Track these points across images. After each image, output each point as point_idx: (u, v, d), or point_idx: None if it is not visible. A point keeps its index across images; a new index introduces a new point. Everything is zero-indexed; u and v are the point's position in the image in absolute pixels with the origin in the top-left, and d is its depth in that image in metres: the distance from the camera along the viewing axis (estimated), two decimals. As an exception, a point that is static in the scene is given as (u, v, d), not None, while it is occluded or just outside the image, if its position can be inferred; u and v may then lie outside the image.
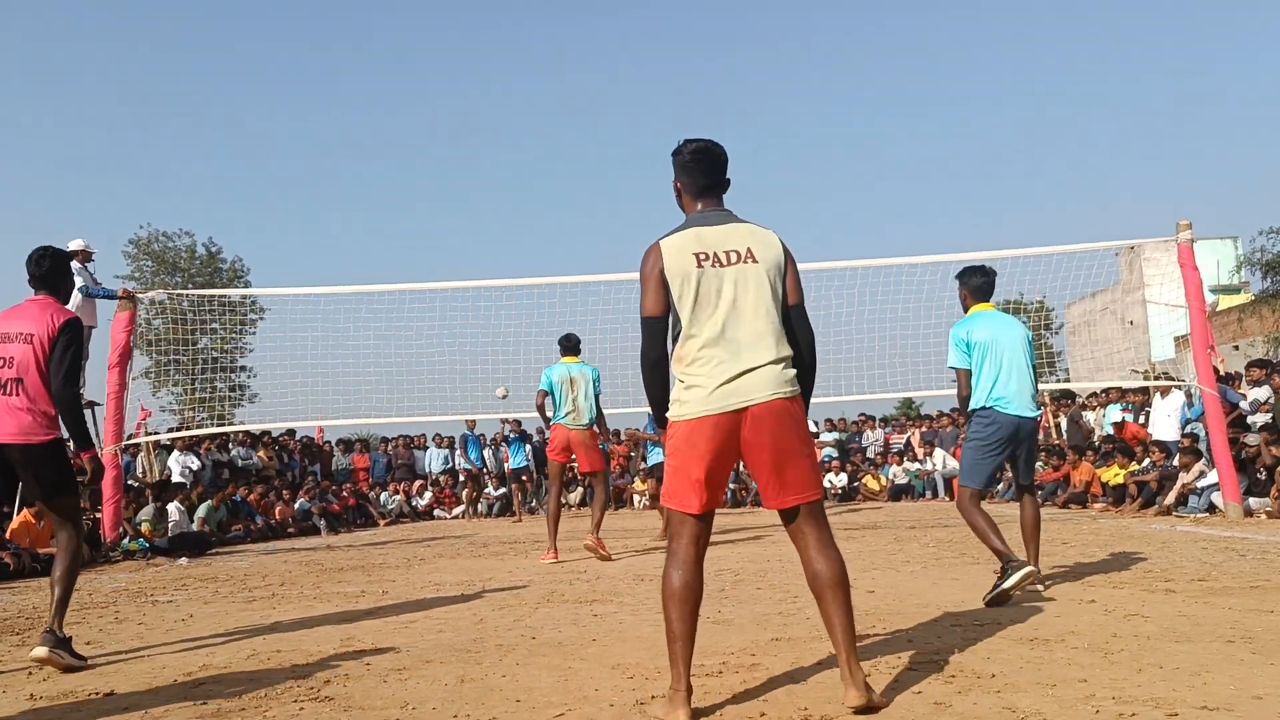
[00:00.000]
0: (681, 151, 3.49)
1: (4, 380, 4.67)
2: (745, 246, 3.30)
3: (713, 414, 3.19)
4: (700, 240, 3.30)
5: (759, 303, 3.26)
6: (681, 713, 3.10)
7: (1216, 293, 33.52)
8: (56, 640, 4.52)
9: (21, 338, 4.70)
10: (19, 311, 4.83)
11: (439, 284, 13.12)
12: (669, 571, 3.29)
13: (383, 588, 7.39)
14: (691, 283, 3.24)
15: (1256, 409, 12.63)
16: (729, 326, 3.24)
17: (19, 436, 4.62)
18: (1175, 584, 5.80)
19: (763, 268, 3.29)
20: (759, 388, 3.20)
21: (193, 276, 38.00)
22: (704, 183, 3.47)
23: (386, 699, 3.65)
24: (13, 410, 4.64)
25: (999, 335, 5.81)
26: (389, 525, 17.78)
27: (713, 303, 3.24)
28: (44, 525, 10.18)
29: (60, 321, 4.74)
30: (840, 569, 3.30)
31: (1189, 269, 10.95)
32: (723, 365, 3.21)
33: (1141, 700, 3.19)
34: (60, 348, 4.70)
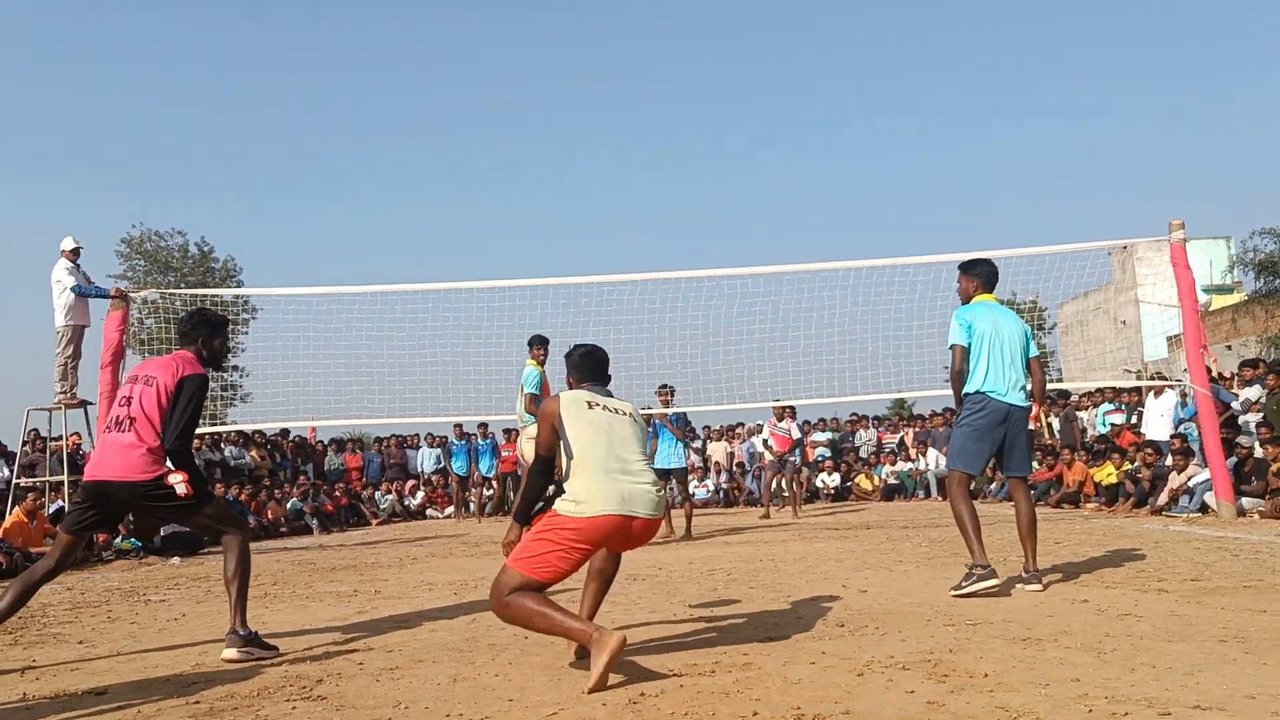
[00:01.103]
0: (571, 355, 4.48)
1: (120, 418, 4.74)
2: (622, 408, 4.26)
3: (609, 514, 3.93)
4: (591, 396, 4.26)
5: (638, 442, 4.19)
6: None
7: (1209, 293, 33.61)
8: (242, 639, 4.62)
9: (145, 380, 4.79)
10: (158, 360, 4.94)
11: (432, 285, 13.10)
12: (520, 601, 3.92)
13: (375, 587, 7.38)
14: (584, 420, 4.12)
15: (1248, 408, 12.67)
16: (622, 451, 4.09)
17: (127, 475, 4.61)
18: (1168, 583, 5.81)
19: (637, 422, 4.27)
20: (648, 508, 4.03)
21: (185, 276, 37.84)
22: (587, 376, 4.42)
23: (379, 698, 3.65)
24: (124, 449, 4.65)
25: (1001, 326, 5.98)
26: (381, 525, 17.76)
27: (605, 431, 4.11)
28: (36, 525, 10.16)
29: (184, 374, 4.81)
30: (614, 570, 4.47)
31: (1182, 269, 10.97)
32: (616, 477, 4.02)
33: (1134, 700, 3.19)
34: (181, 400, 4.74)
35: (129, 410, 4.73)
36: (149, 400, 4.72)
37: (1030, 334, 6.11)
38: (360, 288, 13.23)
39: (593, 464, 3.97)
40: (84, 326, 11.85)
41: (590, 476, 3.94)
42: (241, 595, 4.76)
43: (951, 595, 5.63)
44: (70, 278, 11.57)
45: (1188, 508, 11.41)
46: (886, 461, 20.02)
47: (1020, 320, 6.14)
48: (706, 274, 12.71)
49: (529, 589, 3.88)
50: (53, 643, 5.28)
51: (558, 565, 3.90)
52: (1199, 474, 11.48)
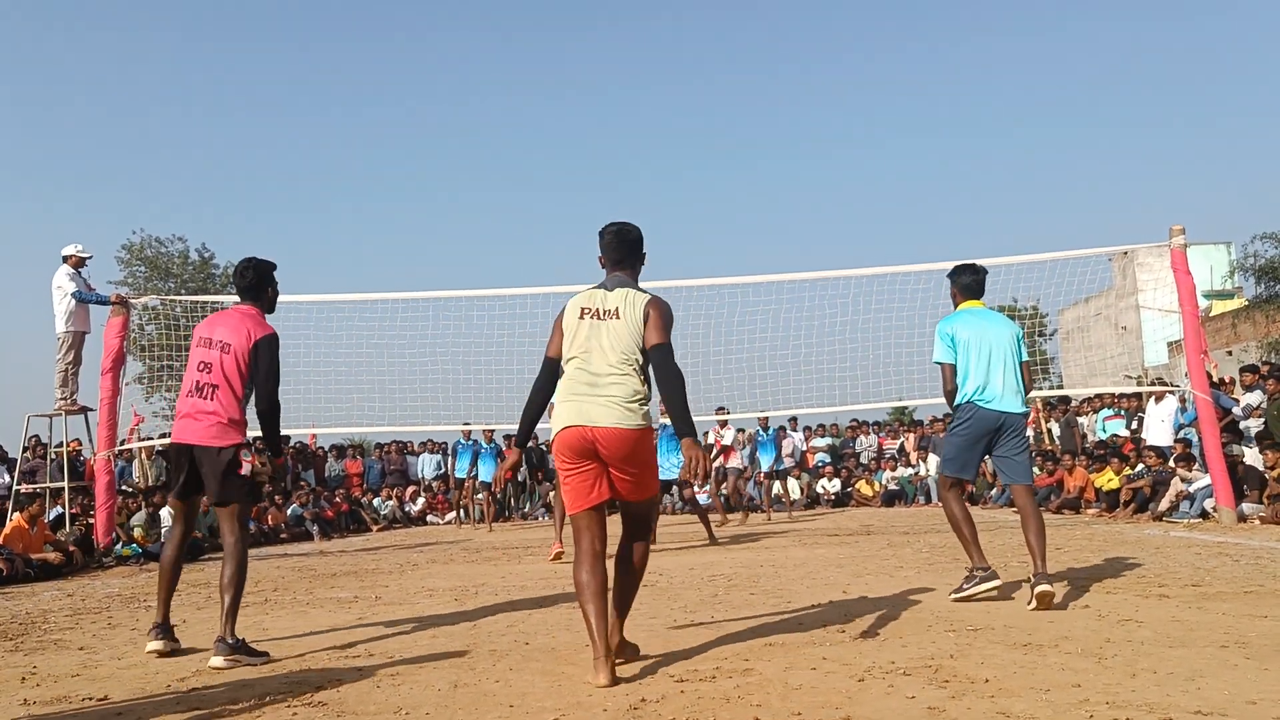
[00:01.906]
0: (603, 233, 4.39)
1: (202, 384, 4.99)
2: (616, 307, 4.15)
3: (567, 426, 4.06)
4: (592, 299, 4.23)
5: (615, 350, 4.09)
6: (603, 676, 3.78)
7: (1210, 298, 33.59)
8: (230, 648, 4.68)
9: (220, 345, 5.00)
10: (223, 318, 5.15)
11: (433, 293, 13.13)
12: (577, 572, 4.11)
13: (376, 593, 7.38)
14: (573, 331, 4.18)
15: (1249, 414, 12.66)
16: (589, 365, 4.09)
17: (205, 439, 4.93)
18: (1169, 589, 5.81)
19: (624, 323, 4.12)
20: (604, 417, 4.01)
21: (185, 282, 37.89)
22: (615, 258, 4.36)
23: (380, 704, 3.65)
24: (204, 414, 4.95)
25: (985, 332, 5.84)
26: (382, 531, 17.74)
27: (583, 346, 4.12)
28: (37, 531, 10.16)
29: (257, 337, 5.04)
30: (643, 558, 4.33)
31: (1182, 274, 10.97)
32: (578, 390, 4.08)
33: (1135, 705, 3.19)
34: (261, 364, 5.03)
35: (210, 377, 4.97)
36: (229, 367, 4.98)
37: (1021, 337, 5.98)
38: (360, 295, 13.27)
39: (565, 381, 4.14)
40: (85, 333, 11.86)
41: (560, 393, 4.14)
42: (235, 603, 4.84)
43: (951, 599, 5.67)
44: (71, 284, 11.57)
45: (1188, 513, 11.40)
46: (887, 467, 20.00)
47: (1011, 323, 6.01)
48: (706, 283, 12.73)
49: (577, 527, 4.14)
50: (54, 649, 5.28)
51: (566, 491, 4.16)
52: (1200, 480, 11.48)
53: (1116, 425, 16.16)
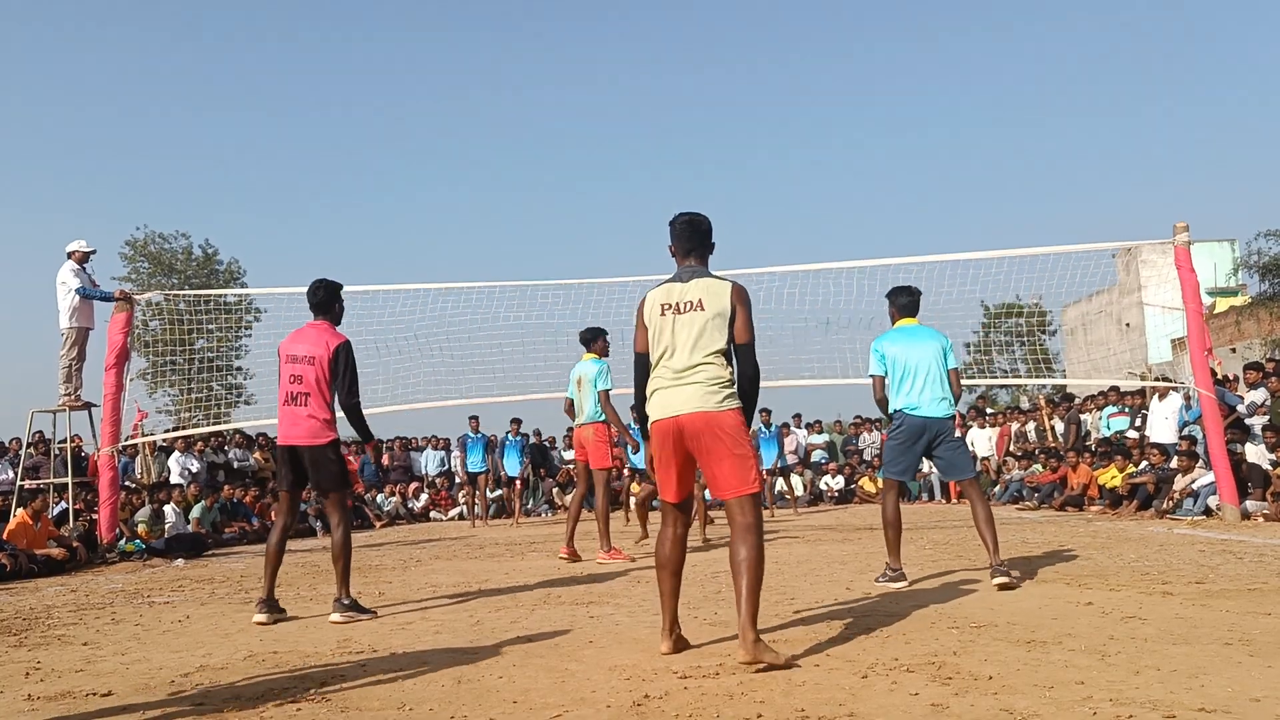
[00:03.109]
0: (674, 222, 4.43)
1: (295, 394, 5.94)
2: (698, 298, 4.21)
3: (657, 419, 4.23)
4: (669, 293, 4.29)
5: (698, 340, 4.16)
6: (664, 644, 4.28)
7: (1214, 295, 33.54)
8: (344, 606, 5.77)
9: (306, 359, 5.95)
10: (302, 336, 6.09)
11: (436, 284, 13.11)
12: (658, 547, 4.39)
13: (379, 589, 7.38)
14: (655, 327, 4.27)
15: (1254, 411, 12.64)
16: (674, 358, 4.20)
17: (308, 439, 5.92)
18: (1172, 586, 5.80)
19: (708, 314, 4.18)
20: (688, 403, 4.12)
21: (189, 278, 37.91)
22: (687, 247, 4.40)
23: (383, 700, 3.65)
24: (303, 419, 5.92)
25: (910, 349, 6.49)
26: (385, 527, 17.75)
27: (667, 341, 4.22)
28: (40, 526, 10.18)
29: (334, 346, 5.97)
30: (755, 553, 4.14)
31: (1186, 271, 10.95)
32: (664, 383, 4.22)
33: (1139, 702, 3.19)
34: (340, 369, 5.94)
35: (302, 387, 5.92)
36: (317, 376, 5.92)
37: (949, 348, 6.56)
38: (364, 287, 13.22)
39: (653, 376, 4.28)
40: (88, 329, 11.87)
41: (650, 387, 4.29)
42: (345, 571, 5.88)
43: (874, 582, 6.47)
44: (76, 279, 11.58)
45: (1192, 511, 11.38)
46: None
47: (938, 337, 6.59)
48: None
49: (666, 518, 4.34)
50: (57, 645, 5.29)
51: (658, 478, 4.30)
52: (1203, 477, 11.47)
53: (1121, 422, 16.13)
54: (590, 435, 9.14)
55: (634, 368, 4.41)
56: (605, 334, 9.40)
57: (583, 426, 9.19)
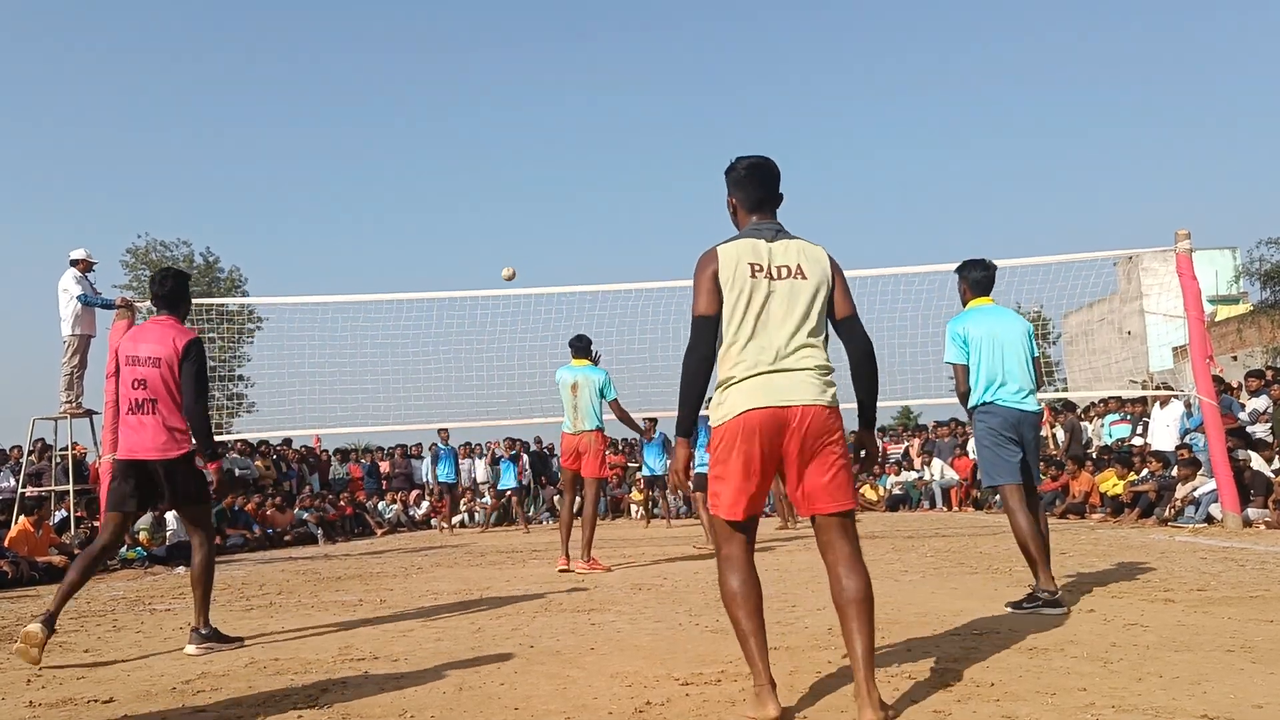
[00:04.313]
0: (735, 168, 3.57)
1: (140, 401, 5.19)
2: (796, 263, 3.39)
3: (753, 408, 3.27)
4: (755, 252, 3.38)
5: (803, 316, 3.34)
6: (770, 706, 3.18)
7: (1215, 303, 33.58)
8: (202, 637, 5.12)
9: (150, 361, 5.20)
10: (144, 333, 5.31)
11: (436, 293, 13.13)
12: (726, 578, 3.44)
13: (380, 596, 7.38)
14: (745, 291, 3.33)
15: (1256, 419, 12.64)
16: (772, 336, 3.32)
17: (157, 452, 5.15)
18: (1174, 593, 5.79)
19: (811, 283, 3.38)
20: (800, 392, 3.27)
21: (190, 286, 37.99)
22: (758, 196, 3.54)
23: (385, 707, 3.65)
24: (151, 429, 5.16)
25: (997, 330, 5.72)
26: (386, 535, 17.74)
27: (759, 313, 3.33)
28: (42, 534, 10.18)
29: (183, 344, 5.23)
30: (866, 586, 3.34)
31: (1187, 279, 10.96)
32: (759, 366, 3.30)
33: (1141, 709, 3.18)
34: (187, 368, 5.20)
35: (147, 393, 5.18)
36: (165, 379, 5.18)
37: (1032, 333, 5.84)
38: (365, 296, 13.27)
39: (739, 353, 3.33)
40: (90, 336, 11.88)
41: (735, 368, 3.34)
42: (205, 596, 5.25)
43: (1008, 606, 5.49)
44: (77, 287, 11.60)
45: (1194, 518, 11.37)
46: (891, 472, 19.98)
47: (1021, 320, 5.86)
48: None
49: (731, 539, 3.43)
50: (59, 651, 5.28)
51: (724, 488, 3.36)
52: (1205, 484, 11.46)
53: (1122, 430, 16.13)
54: (592, 443, 9.01)
55: (694, 334, 3.39)
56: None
57: (583, 434, 9.03)
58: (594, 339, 9.46)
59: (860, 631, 3.25)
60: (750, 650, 3.28)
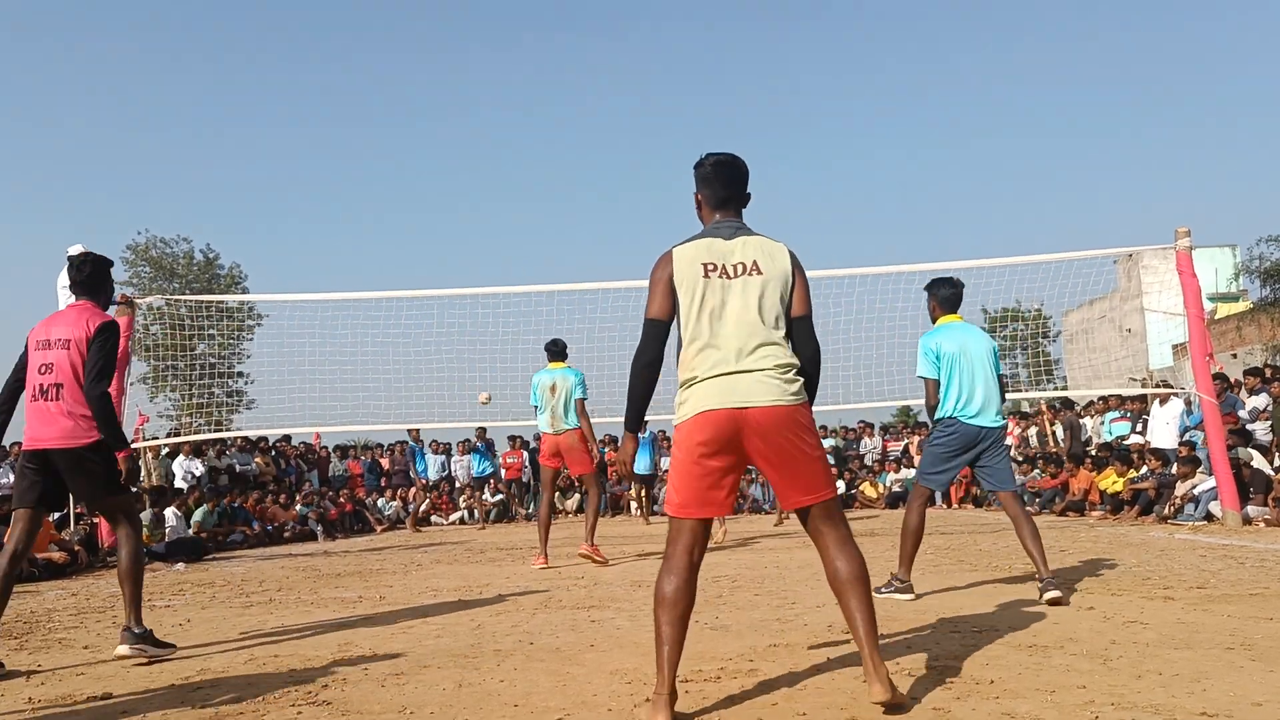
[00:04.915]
0: (703, 164, 3.58)
1: (45, 386, 4.80)
2: (752, 259, 3.37)
3: (710, 409, 3.26)
4: (711, 251, 3.39)
5: (759, 313, 3.33)
6: (661, 715, 3.14)
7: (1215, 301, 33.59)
8: (135, 637, 4.78)
9: (60, 343, 4.83)
10: (60, 317, 4.95)
11: (436, 291, 13.13)
12: (661, 579, 3.39)
13: (380, 593, 7.38)
14: (698, 292, 3.33)
15: (1256, 417, 12.64)
16: (729, 335, 3.31)
17: (61, 441, 4.74)
18: (1174, 591, 5.80)
19: (766, 278, 3.36)
20: (759, 393, 3.26)
21: (190, 282, 37.98)
22: (723, 194, 3.54)
23: (384, 703, 3.65)
24: (54, 416, 4.76)
25: (967, 347, 5.95)
26: (386, 531, 17.75)
27: (715, 312, 3.32)
28: (42, 531, 10.16)
29: (96, 325, 4.84)
30: (859, 566, 3.37)
31: (1187, 277, 10.95)
32: (719, 367, 3.29)
33: (1141, 706, 3.18)
34: (94, 349, 4.79)
35: (53, 377, 4.80)
36: (73, 362, 4.81)
37: (997, 351, 6.13)
38: (365, 294, 13.26)
39: (695, 356, 3.33)
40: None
41: (692, 369, 3.33)
42: (136, 593, 4.90)
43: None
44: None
45: (1193, 516, 11.38)
46: (891, 469, 19.97)
47: (987, 337, 6.13)
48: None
49: (677, 540, 3.39)
50: (58, 648, 5.28)
51: (681, 489, 3.35)
52: (1205, 482, 11.46)
53: (1122, 427, 16.13)
54: (574, 442, 9.29)
55: (643, 338, 3.41)
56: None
57: (564, 433, 9.30)
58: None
59: (859, 610, 3.30)
60: (661, 657, 3.25)
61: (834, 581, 3.41)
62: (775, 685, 3.69)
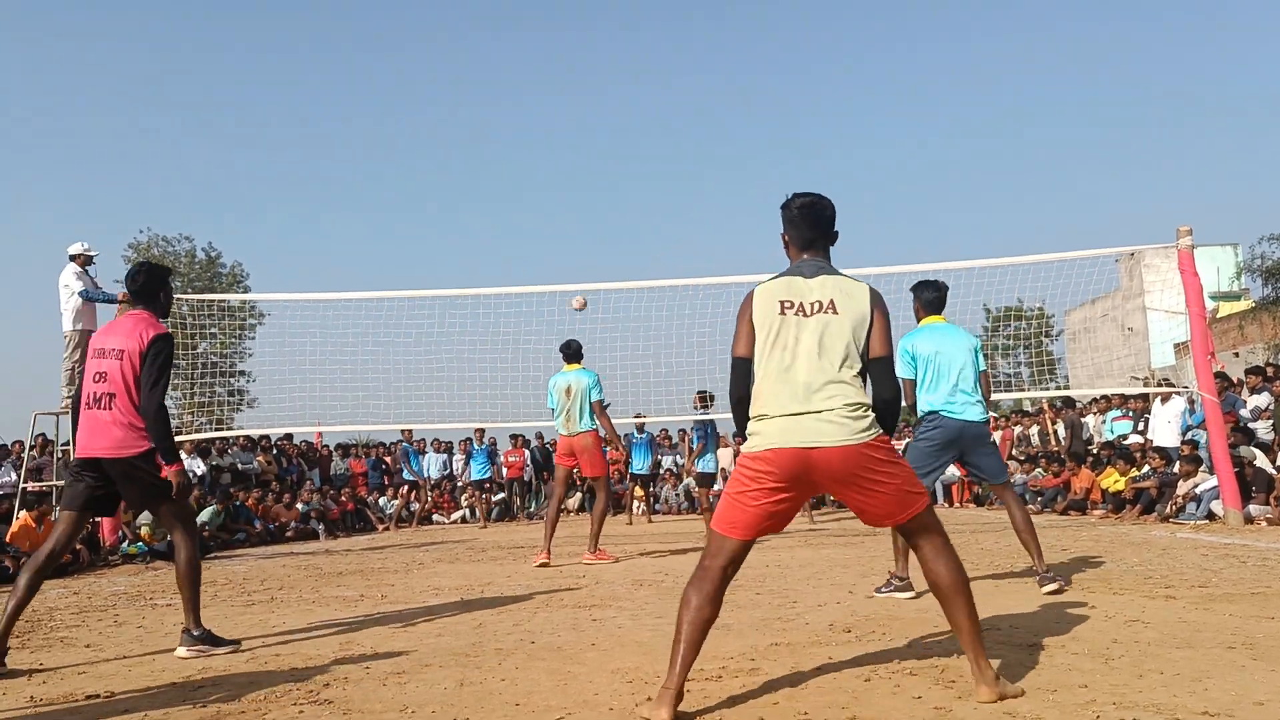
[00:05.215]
0: (789, 205, 3.67)
1: (99, 395, 4.88)
2: (829, 298, 3.44)
3: (779, 447, 3.30)
4: (790, 289, 3.48)
5: (832, 351, 3.37)
6: (664, 710, 3.19)
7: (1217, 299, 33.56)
8: (194, 638, 4.88)
9: (114, 353, 4.91)
10: (116, 326, 5.06)
11: (438, 290, 13.14)
12: (690, 587, 3.40)
13: (381, 592, 7.38)
14: (773, 328, 3.42)
15: (1258, 416, 12.63)
16: (799, 372, 3.35)
17: (112, 450, 4.81)
18: (1176, 590, 5.79)
19: (842, 318, 3.41)
20: (828, 434, 3.28)
21: (192, 281, 37.98)
22: (809, 236, 3.64)
23: (385, 702, 3.65)
24: (106, 425, 4.83)
25: (942, 347, 6.15)
26: (388, 530, 17.76)
27: (788, 348, 3.39)
28: (43, 529, 10.17)
29: (150, 336, 4.91)
30: (958, 573, 3.44)
31: (1189, 275, 10.94)
32: (788, 406, 3.33)
33: (1142, 706, 3.18)
34: (148, 364, 4.86)
35: (106, 386, 4.87)
36: (124, 373, 4.87)
37: (979, 349, 6.29)
38: (367, 293, 13.27)
39: (767, 391, 3.38)
40: (91, 331, 11.85)
41: (762, 405, 3.39)
42: (193, 597, 4.96)
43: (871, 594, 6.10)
44: (78, 283, 11.58)
45: (1195, 515, 11.37)
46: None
47: (969, 336, 6.30)
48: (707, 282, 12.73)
49: (718, 553, 3.40)
50: (60, 646, 5.29)
51: (732, 510, 3.39)
52: (1206, 481, 11.45)
53: (1124, 426, 16.12)
54: (588, 444, 9.43)
55: (731, 375, 3.55)
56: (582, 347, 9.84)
57: (578, 435, 9.43)
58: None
59: (962, 616, 3.37)
60: (676, 653, 3.31)
61: (935, 589, 3.47)
62: (777, 684, 3.69)
